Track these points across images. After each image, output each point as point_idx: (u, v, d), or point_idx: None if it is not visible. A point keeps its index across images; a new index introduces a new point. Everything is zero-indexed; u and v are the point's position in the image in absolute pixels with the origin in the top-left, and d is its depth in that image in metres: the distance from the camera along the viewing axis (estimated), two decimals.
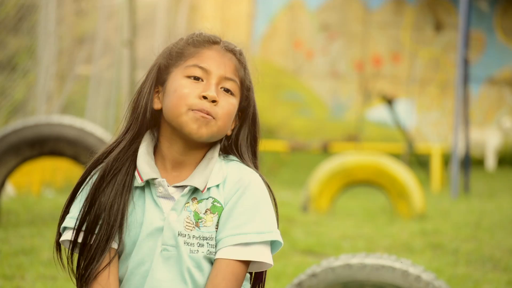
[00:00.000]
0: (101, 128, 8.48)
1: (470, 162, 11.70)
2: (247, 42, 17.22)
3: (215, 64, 2.36)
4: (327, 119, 17.11)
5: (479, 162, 15.31)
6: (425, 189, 10.67)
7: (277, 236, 2.34)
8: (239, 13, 17.25)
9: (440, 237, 6.56)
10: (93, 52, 11.02)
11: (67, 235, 2.35)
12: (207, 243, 2.30)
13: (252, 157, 2.42)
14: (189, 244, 2.30)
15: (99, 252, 2.30)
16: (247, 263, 2.32)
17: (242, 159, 2.40)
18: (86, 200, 2.33)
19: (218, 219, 2.32)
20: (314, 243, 6.17)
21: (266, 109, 17.07)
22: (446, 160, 13.96)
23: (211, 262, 2.31)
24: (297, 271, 5.05)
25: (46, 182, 9.39)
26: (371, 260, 3.17)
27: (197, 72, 2.35)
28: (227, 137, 2.41)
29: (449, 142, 15.39)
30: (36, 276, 4.74)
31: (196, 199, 2.32)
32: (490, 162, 15.30)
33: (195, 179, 2.32)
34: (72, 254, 2.35)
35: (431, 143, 15.68)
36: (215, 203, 2.32)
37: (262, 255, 2.31)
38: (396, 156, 12.81)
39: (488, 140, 15.33)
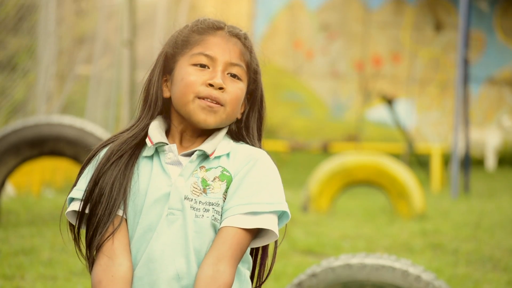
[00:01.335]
0: (101, 128, 8.48)
1: (470, 162, 11.70)
2: None
3: (220, 50, 2.38)
4: (327, 119, 17.11)
5: (479, 162, 15.31)
6: (425, 189, 10.67)
7: (286, 207, 2.36)
8: (239, 13, 17.25)
9: (440, 237, 6.56)
10: (93, 52, 11.03)
11: (74, 206, 2.38)
12: (213, 208, 2.31)
13: (258, 139, 2.46)
14: (195, 209, 2.31)
15: (101, 225, 2.31)
16: (253, 233, 2.32)
17: (251, 142, 2.43)
18: (91, 177, 2.36)
19: (226, 188, 2.33)
20: (314, 243, 6.17)
21: (266, 109, 17.05)
22: (446, 160, 13.97)
23: (215, 229, 2.32)
24: (297, 271, 5.05)
25: (46, 182, 9.40)
26: (371, 260, 3.18)
27: (203, 60, 2.38)
28: (237, 120, 2.44)
29: (449, 142, 15.39)
30: (36, 276, 4.74)
31: (205, 167, 2.34)
32: (490, 162, 15.30)
33: (203, 145, 2.36)
34: (79, 226, 2.37)
35: (431, 143, 15.68)
36: (224, 172, 2.34)
37: (270, 224, 2.32)
38: (396, 156, 12.81)
39: (488, 140, 15.33)
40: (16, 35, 8.36)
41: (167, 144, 2.36)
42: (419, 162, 13.83)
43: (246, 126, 2.45)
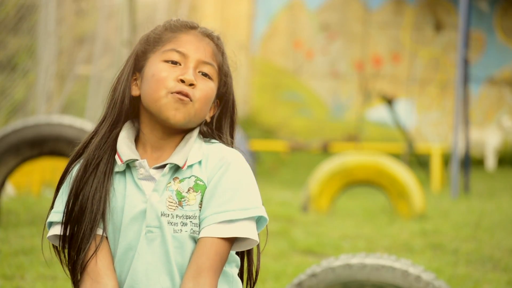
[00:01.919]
0: None
1: (470, 162, 11.70)
2: (247, 42, 17.21)
3: (192, 48, 2.36)
4: (327, 119, 17.11)
5: (479, 162, 15.31)
6: (425, 189, 10.67)
7: (262, 211, 2.32)
8: (239, 13, 17.24)
9: (440, 237, 6.56)
10: (93, 52, 11.02)
11: (54, 230, 2.35)
12: (190, 221, 2.28)
13: (231, 141, 2.42)
14: (172, 223, 2.28)
15: (84, 242, 2.29)
16: (231, 241, 2.30)
17: (223, 142, 2.40)
18: (70, 192, 2.32)
19: (202, 198, 2.30)
20: (314, 243, 6.17)
21: (266, 109, 17.05)
22: (446, 160, 13.96)
23: (195, 241, 2.29)
24: (297, 271, 5.05)
25: (46, 182, 9.39)
26: (371, 260, 3.17)
27: (175, 56, 2.35)
28: (207, 124, 2.41)
29: (449, 142, 15.38)
30: (36, 276, 4.74)
31: (178, 178, 2.31)
32: (490, 162, 15.30)
33: (174, 157, 2.32)
34: (64, 248, 2.35)
35: (431, 143, 15.68)
36: (198, 182, 2.31)
37: (247, 231, 2.29)
38: (396, 156, 12.80)
39: (488, 140, 15.32)
40: (16, 35, 8.36)
41: (137, 160, 2.32)
42: (419, 162, 13.83)
43: (220, 132, 2.41)
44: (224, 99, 2.43)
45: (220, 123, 2.42)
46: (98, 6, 11.31)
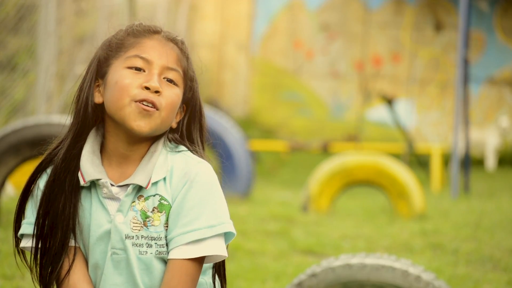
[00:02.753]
0: None
1: (470, 162, 11.70)
2: (247, 42, 17.21)
3: (156, 54, 2.30)
4: (327, 119, 17.11)
5: (479, 162, 15.30)
6: (425, 189, 10.66)
7: (229, 227, 2.28)
8: (239, 13, 17.24)
9: (440, 237, 6.56)
10: (93, 52, 11.01)
11: (26, 242, 2.35)
12: (155, 243, 2.26)
13: (202, 147, 2.38)
14: (137, 245, 2.25)
15: (56, 259, 2.27)
16: (201, 259, 2.27)
17: (196, 151, 2.35)
18: (39, 208, 2.29)
19: (167, 218, 2.26)
20: (314, 243, 6.17)
21: (266, 109, 17.05)
22: (446, 160, 13.96)
23: (163, 260, 2.27)
24: (297, 271, 5.05)
25: None
26: (371, 260, 3.17)
27: (138, 63, 2.29)
28: (175, 130, 2.35)
29: (449, 142, 15.38)
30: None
31: (143, 196, 2.27)
32: (490, 162, 15.30)
33: (138, 176, 2.27)
34: (36, 265, 2.33)
35: (431, 143, 15.68)
36: (162, 201, 2.27)
37: (216, 249, 2.26)
38: (396, 156, 12.80)
39: (488, 140, 15.32)
40: (16, 35, 8.36)
41: (100, 179, 2.28)
42: (419, 162, 13.82)
43: (190, 139, 2.36)
44: (190, 104, 2.37)
45: (189, 129, 2.37)
46: (98, 6, 11.31)
